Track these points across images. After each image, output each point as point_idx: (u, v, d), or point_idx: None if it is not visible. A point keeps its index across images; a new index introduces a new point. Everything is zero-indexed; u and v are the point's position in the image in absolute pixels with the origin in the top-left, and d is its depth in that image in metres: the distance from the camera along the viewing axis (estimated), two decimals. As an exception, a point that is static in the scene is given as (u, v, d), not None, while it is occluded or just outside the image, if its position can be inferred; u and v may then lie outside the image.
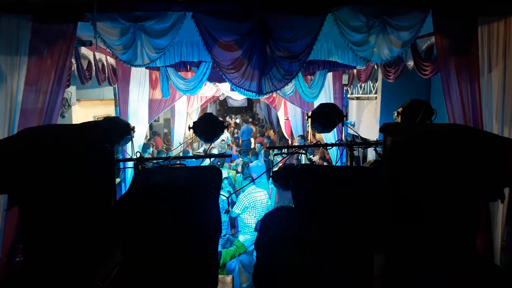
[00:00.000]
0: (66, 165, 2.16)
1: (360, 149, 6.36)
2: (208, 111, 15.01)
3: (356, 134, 4.68)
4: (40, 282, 2.21)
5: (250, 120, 19.03)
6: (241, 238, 6.22)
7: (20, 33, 3.68)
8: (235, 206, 6.63)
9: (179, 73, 7.52)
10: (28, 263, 2.28)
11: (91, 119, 8.03)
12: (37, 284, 2.22)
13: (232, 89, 9.17)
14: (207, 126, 3.29)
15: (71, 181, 2.17)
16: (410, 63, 5.92)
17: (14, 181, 2.13)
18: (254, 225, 6.50)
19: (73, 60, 5.29)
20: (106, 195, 2.39)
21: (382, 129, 2.58)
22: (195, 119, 3.51)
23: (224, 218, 6.76)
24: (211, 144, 3.32)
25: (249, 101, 22.63)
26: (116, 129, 3.09)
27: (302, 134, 12.17)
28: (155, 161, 3.32)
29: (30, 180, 2.13)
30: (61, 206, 2.17)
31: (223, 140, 11.27)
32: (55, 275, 2.20)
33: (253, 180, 6.38)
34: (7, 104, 3.66)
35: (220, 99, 17.62)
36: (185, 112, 12.80)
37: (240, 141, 14.94)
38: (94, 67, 6.07)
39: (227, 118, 21.65)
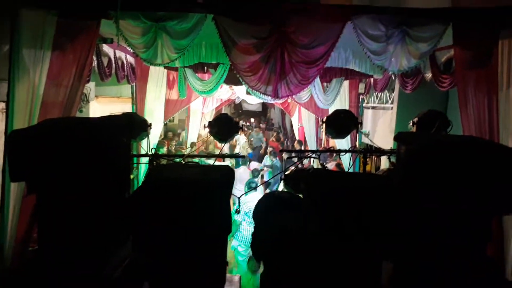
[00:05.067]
0: (83, 156, 2.22)
1: (374, 157, 6.32)
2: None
3: (371, 143, 4.67)
4: (53, 270, 2.26)
5: (261, 125, 18.71)
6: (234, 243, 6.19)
7: (45, 27, 3.77)
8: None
9: (196, 74, 7.60)
10: (42, 251, 2.34)
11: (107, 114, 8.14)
12: (50, 272, 2.27)
13: (248, 93, 9.21)
14: (222, 126, 3.32)
15: (87, 172, 2.22)
16: (429, 75, 5.88)
17: (33, 169, 2.19)
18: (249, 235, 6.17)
19: (94, 57, 5.39)
20: (120, 187, 2.44)
21: (396, 138, 2.59)
22: (209, 120, 3.55)
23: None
24: (224, 144, 3.36)
25: (264, 105, 22.67)
26: (132, 124, 3.15)
27: (299, 139, 12.47)
28: (169, 158, 3.37)
29: (48, 169, 2.19)
30: (76, 196, 2.22)
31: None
32: (67, 263, 2.25)
33: (254, 188, 6.33)
34: (29, 96, 3.75)
35: (236, 102, 17.67)
36: (200, 113, 12.90)
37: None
38: (114, 65, 6.18)
39: (241, 122, 21.69)
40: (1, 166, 3.67)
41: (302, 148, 11.60)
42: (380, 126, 8.83)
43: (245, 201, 6.20)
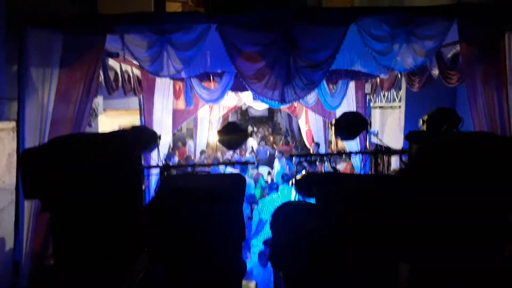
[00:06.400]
0: (95, 172, 2.23)
1: (384, 157, 6.26)
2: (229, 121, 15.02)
3: (381, 143, 4.64)
4: (69, 285, 2.28)
5: (267, 134, 18.09)
6: None
7: (52, 46, 3.82)
8: (262, 212, 6.43)
9: (202, 83, 7.63)
10: (57, 267, 2.36)
11: (116, 128, 8.20)
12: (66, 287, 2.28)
13: (254, 98, 9.22)
14: (231, 134, 3.33)
15: (100, 188, 2.24)
16: (435, 72, 5.83)
17: (46, 187, 2.21)
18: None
19: (101, 71, 5.43)
20: (133, 201, 2.45)
21: (407, 137, 2.57)
22: (218, 128, 3.56)
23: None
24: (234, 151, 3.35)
25: (270, 110, 22.65)
26: (143, 137, 3.17)
27: (317, 142, 12.15)
28: (180, 169, 3.39)
29: (60, 185, 2.21)
30: (90, 212, 2.24)
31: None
32: (83, 278, 2.26)
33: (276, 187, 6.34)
34: (38, 114, 3.79)
35: (242, 109, 17.69)
36: (207, 121, 12.95)
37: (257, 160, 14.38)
38: (120, 78, 6.22)
39: (249, 128, 21.57)
40: (14, 184, 3.71)
41: (319, 150, 11.52)
42: (389, 125, 8.78)
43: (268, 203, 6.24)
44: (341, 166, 9.97)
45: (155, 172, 4.74)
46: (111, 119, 8.31)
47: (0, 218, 3.59)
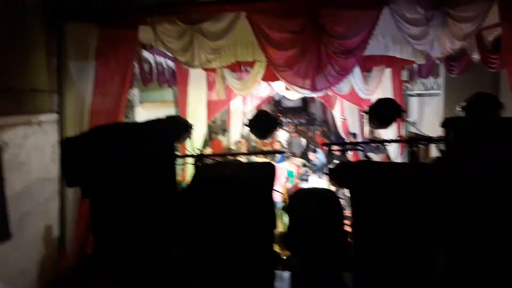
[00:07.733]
0: (131, 159, 2.30)
1: (421, 146, 6.05)
2: (263, 111, 14.92)
3: (419, 132, 4.50)
4: (107, 271, 2.36)
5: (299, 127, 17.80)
6: None
7: (88, 39, 3.93)
8: None
9: (234, 73, 7.66)
10: (97, 253, 2.46)
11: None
12: (105, 273, 2.37)
13: (287, 88, 9.17)
14: (261, 124, 3.33)
15: (137, 174, 2.30)
16: (476, 56, 5.56)
17: (85, 174, 2.30)
18: None
19: (135, 64, 5.56)
20: (168, 188, 2.51)
21: (444, 124, 2.48)
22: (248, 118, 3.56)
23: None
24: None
25: (304, 100, 22.40)
26: (175, 126, 3.22)
27: (354, 132, 11.93)
28: (213, 158, 3.43)
29: (99, 173, 2.29)
30: (127, 198, 2.30)
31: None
32: (121, 264, 2.34)
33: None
34: (78, 106, 3.94)
35: (275, 99, 17.57)
36: (241, 112, 13.00)
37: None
38: (155, 70, 6.35)
39: (282, 119, 21.45)
40: (59, 175, 3.89)
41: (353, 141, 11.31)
42: (427, 114, 8.48)
43: None
44: (378, 158, 9.74)
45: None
46: (147, 110, 8.49)
47: (46, 207, 3.76)
